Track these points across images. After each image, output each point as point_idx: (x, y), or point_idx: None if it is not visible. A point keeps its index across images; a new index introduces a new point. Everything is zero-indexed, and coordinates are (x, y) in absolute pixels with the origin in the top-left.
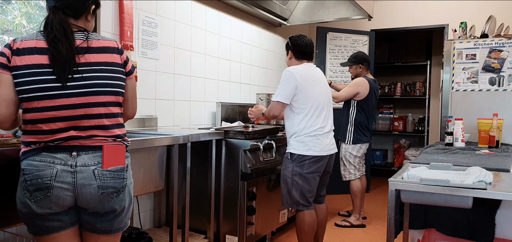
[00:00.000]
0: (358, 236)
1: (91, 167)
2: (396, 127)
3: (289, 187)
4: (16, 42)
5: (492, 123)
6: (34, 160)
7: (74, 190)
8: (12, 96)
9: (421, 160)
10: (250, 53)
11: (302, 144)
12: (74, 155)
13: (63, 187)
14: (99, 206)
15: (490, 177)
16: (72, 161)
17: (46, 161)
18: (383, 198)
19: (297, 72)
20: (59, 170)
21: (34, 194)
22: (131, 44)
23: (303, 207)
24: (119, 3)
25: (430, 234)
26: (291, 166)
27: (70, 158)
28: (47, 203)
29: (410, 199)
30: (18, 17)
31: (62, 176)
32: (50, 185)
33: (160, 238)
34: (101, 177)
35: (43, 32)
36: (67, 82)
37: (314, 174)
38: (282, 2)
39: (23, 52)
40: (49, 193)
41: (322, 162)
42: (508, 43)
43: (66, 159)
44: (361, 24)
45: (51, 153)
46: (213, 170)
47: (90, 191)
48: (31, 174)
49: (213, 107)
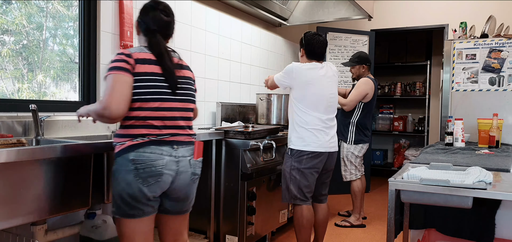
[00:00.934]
0: (358, 236)
1: (187, 157)
2: (396, 127)
3: (287, 181)
4: (133, 53)
5: (492, 123)
6: (145, 151)
7: (175, 176)
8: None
9: (421, 160)
10: (250, 53)
11: (301, 140)
12: (175, 147)
13: (170, 174)
14: (187, 189)
15: (490, 177)
16: (175, 152)
17: (156, 152)
18: (383, 198)
19: (296, 69)
20: (167, 160)
21: (147, 179)
22: (131, 44)
23: (300, 201)
24: (119, 3)
25: (430, 234)
26: (290, 160)
27: (173, 150)
28: (156, 187)
29: (410, 199)
30: (18, 17)
31: (169, 164)
32: (162, 172)
33: None
34: (193, 166)
35: (147, 48)
36: (176, 90)
37: (312, 169)
38: (282, 2)
39: (142, 61)
40: (159, 179)
41: (320, 158)
42: (508, 43)
43: (170, 151)
44: (361, 24)
45: (158, 146)
46: (213, 170)
47: (185, 177)
48: (144, 163)
49: (213, 107)
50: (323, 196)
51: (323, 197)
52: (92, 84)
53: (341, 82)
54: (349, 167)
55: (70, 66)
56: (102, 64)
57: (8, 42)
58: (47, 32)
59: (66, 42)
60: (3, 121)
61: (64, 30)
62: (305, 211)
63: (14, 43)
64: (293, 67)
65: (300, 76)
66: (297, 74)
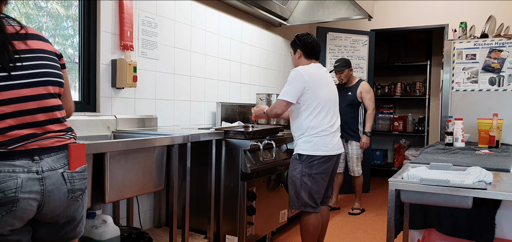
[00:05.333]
0: (358, 236)
1: (58, 170)
2: (396, 127)
3: (297, 188)
4: None
5: (492, 123)
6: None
7: (42, 199)
8: None
9: (421, 160)
10: (250, 53)
11: (310, 144)
12: (36, 159)
13: (31, 197)
14: (66, 211)
15: (490, 177)
16: (36, 166)
17: (3, 170)
18: (383, 198)
19: (305, 72)
20: (23, 178)
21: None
22: (131, 44)
23: (311, 208)
24: (119, 3)
25: (430, 234)
26: (300, 166)
27: (33, 163)
28: (11, 219)
29: (410, 199)
30: (18, 17)
31: (28, 185)
32: (15, 197)
33: (160, 238)
34: (70, 180)
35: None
36: (15, 70)
37: (324, 174)
38: (282, 2)
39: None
40: (14, 208)
41: (331, 161)
42: (508, 43)
43: (29, 165)
44: (361, 24)
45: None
46: (213, 170)
47: (59, 196)
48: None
49: (213, 107)
50: (327, 198)
51: (327, 199)
52: (92, 84)
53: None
54: (357, 163)
55: (69, 66)
56: (102, 64)
57: None
58: (46, 32)
59: (66, 42)
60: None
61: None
62: (313, 218)
63: None
64: (302, 71)
65: (310, 77)
66: (309, 76)
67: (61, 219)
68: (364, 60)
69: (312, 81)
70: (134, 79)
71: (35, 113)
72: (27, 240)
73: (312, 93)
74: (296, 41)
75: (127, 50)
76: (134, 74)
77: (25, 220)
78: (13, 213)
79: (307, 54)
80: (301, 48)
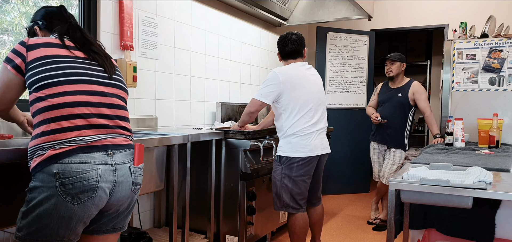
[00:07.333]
0: (358, 236)
1: (127, 164)
2: None
3: (278, 190)
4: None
5: (492, 123)
6: (72, 161)
7: (113, 187)
8: None
9: (421, 160)
10: (250, 53)
11: (290, 146)
12: (111, 153)
13: (106, 186)
14: (126, 202)
15: (490, 177)
16: (111, 159)
17: (87, 162)
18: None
19: (281, 73)
20: (102, 170)
21: (77, 197)
22: (131, 44)
23: (293, 210)
24: (119, 3)
25: (430, 234)
26: (280, 168)
27: (108, 157)
28: (90, 206)
29: (410, 199)
30: (18, 17)
31: (105, 175)
32: (96, 185)
33: (160, 238)
34: (134, 174)
35: None
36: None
37: (304, 176)
38: (282, 2)
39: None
40: (94, 195)
41: (312, 163)
42: (508, 43)
43: (105, 158)
44: (361, 24)
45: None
46: (213, 170)
47: (126, 187)
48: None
49: (213, 107)
50: (317, 199)
51: (317, 200)
52: None
53: (340, 82)
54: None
55: None
56: None
57: (8, 42)
58: None
59: None
60: (3, 121)
61: None
62: (299, 219)
63: (13, 43)
64: (277, 72)
65: (287, 78)
66: (284, 77)
67: (122, 208)
68: (364, 60)
69: (288, 82)
70: (134, 79)
71: (111, 116)
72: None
73: (289, 94)
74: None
75: (127, 50)
76: (134, 74)
77: (100, 208)
78: (92, 200)
79: (283, 55)
80: (278, 50)
